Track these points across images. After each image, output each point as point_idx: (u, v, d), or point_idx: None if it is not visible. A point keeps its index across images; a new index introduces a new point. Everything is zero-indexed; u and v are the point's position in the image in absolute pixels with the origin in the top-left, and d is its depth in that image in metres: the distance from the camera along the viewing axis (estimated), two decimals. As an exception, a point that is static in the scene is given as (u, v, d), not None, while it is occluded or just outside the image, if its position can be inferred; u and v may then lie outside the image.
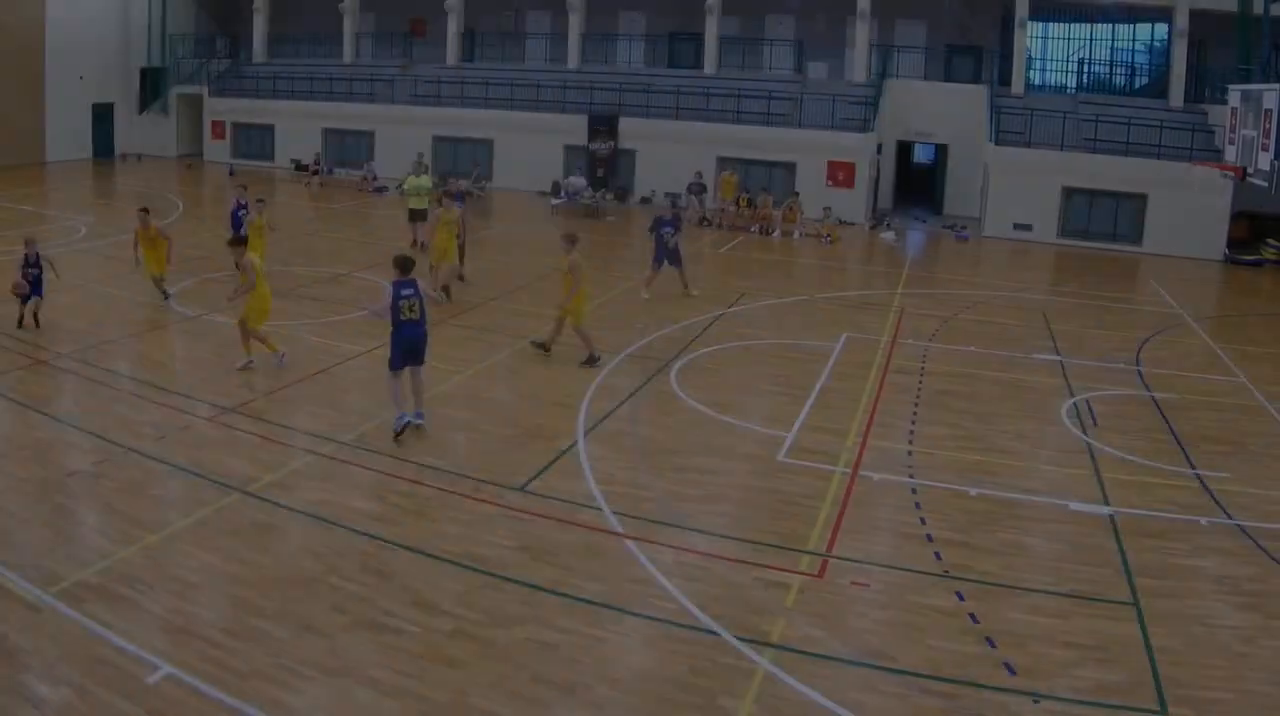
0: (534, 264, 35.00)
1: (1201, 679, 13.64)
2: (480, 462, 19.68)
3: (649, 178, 59.14)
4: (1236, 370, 29.10)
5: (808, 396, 24.71)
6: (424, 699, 12.32)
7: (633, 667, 13.48)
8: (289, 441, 20.02)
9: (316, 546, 16.04)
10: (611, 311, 30.94)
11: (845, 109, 56.33)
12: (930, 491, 19.42)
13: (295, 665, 12.81)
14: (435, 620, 14.06)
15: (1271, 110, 29.61)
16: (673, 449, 20.91)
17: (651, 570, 15.85)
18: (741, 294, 34.92)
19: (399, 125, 63.33)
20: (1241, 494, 20.10)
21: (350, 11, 68.88)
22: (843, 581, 15.82)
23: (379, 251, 38.07)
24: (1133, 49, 64.45)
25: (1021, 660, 13.87)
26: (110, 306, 29.61)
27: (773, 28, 64.56)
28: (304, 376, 23.81)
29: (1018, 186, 52.32)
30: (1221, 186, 43.32)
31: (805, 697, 12.81)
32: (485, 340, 27.85)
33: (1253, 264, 48.75)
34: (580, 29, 64.53)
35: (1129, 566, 16.87)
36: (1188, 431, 23.69)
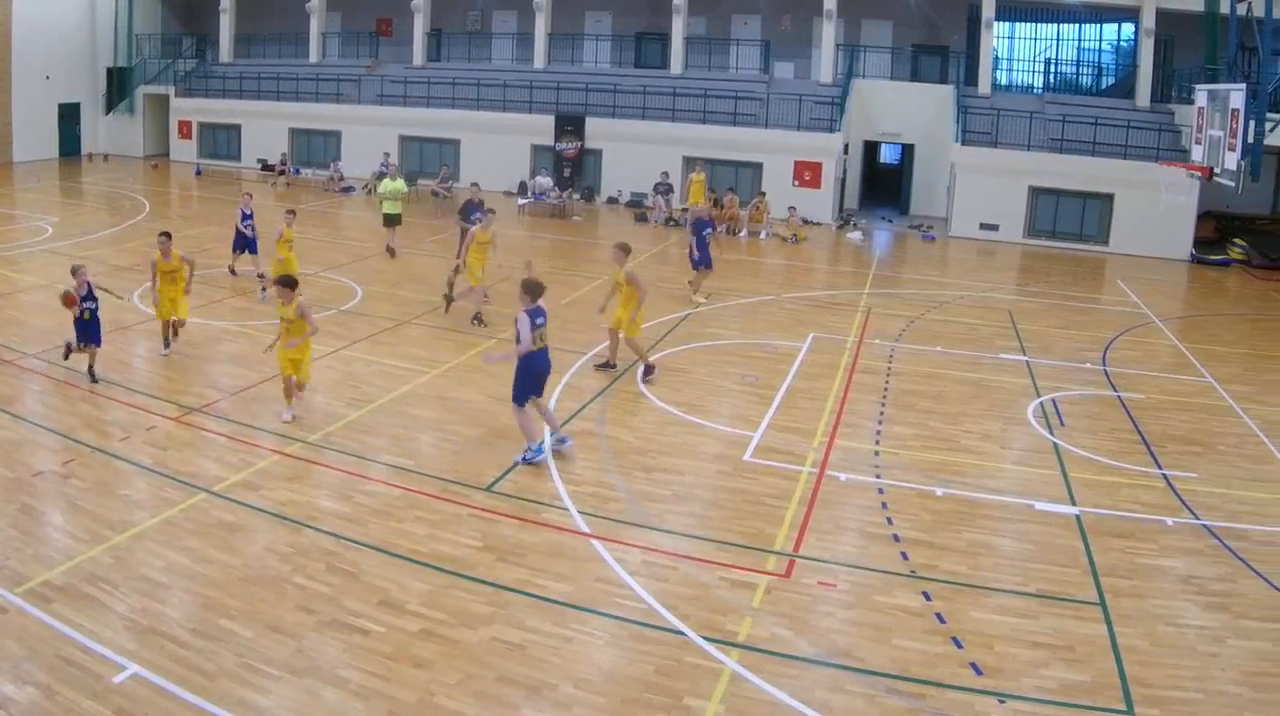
0: (501, 264, 34.87)
1: (1168, 679, 13.71)
2: (447, 463, 19.77)
3: (616, 178, 59.26)
4: (1203, 370, 29.20)
5: (775, 396, 24.76)
6: (391, 698, 12.36)
7: (599, 667, 13.48)
8: (255, 441, 20.02)
9: (283, 546, 16.09)
10: (579, 311, 30.90)
11: (812, 109, 56.41)
12: (897, 491, 19.51)
13: (262, 665, 12.85)
14: (402, 620, 14.11)
15: (1238, 110, 29.72)
16: (640, 449, 20.93)
17: (618, 570, 15.92)
18: (708, 294, 34.93)
19: (365, 125, 63.37)
20: (1208, 494, 20.23)
21: (317, 12, 68.76)
22: (809, 581, 15.87)
23: (346, 251, 38.09)
24: (1099, 49, 64.64)
25: (988, 660, 13.95)
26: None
27: (739, 28, 64.56)
28: (270, 377, 23.75)
29: (984, 186, 52.47)
30: (1188, 186, 43.47)
31: (772, 697, 12.88)
32: (453, 340, 27.85)
33: (1219, 264, 48.93)
34: (546, 29, 64.47)
35: (1096, 566, 16.96)
36: (1154, 431, 23.80)
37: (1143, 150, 49.83)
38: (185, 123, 69.83)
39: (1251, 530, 18.69)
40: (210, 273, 33.95)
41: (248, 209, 33.37)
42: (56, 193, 55.78)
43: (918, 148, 59.54)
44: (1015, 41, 65.20)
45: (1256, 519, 19.25)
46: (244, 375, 24.07)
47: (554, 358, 23.21)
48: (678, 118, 57.64)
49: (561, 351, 26.38)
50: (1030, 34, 64.84)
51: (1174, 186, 42.45)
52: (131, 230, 42.53)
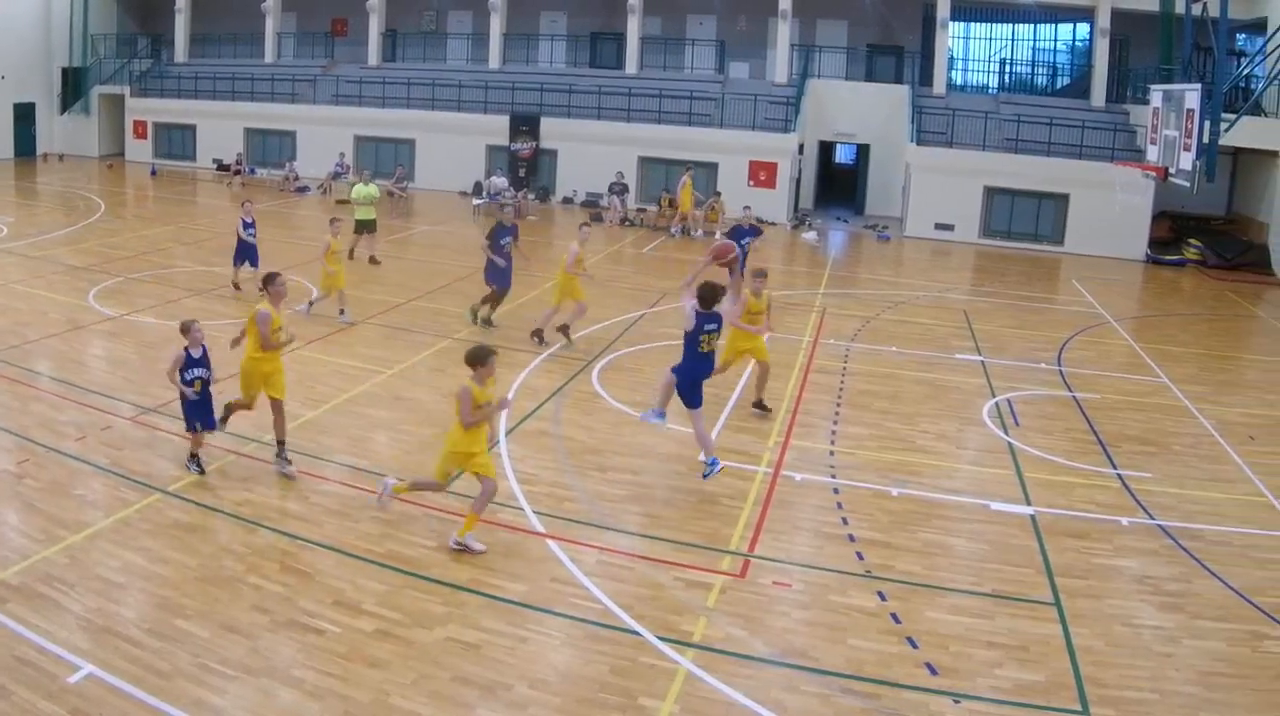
0: (456, 264, 34.81)
1: (1123, 679, 13.76)
2: (402, 462, 19.65)
3: (571, 178, 59.24)
4: (1158, 370, 29.34)
5: (730, 396, 24.82)
6: (346, 698, 12.33)
7: (554, 667, 13.46)
8: (210, 441, 19.86)
9: (238, 546, 16.00)
10: (534, 311, 30.86)
11: (767, 109, 56.60)
12: (852, 491, 19.54)
13: (217, 665, 12.79)
14: (357, 620, 14.08)
15: (1193, 110, 29.86)
16: (595, 449, 20.93)
17: (573, 570, 15.89)
18: (663, 294, 34.93)
19: (321, 125, 63.08)
20: (1163, 494, 20.32)
21: (272, 12, 68.46)
22: (764, 581, 15.88)
23: (302, 251, 37.93)
24: (1054, 49, 64.98)
25: (943, 660, 13.99)
26: (32, 306, 29.30)
27: (694, 28, 64.67)
28: (226, 376, 23.66)
29: (939, 187, 52.71)
30: (1143, 186, 43.66)
31: (727, 697, 12.89)
32: (407, 340, 27.79)
33: (1174, 264, 49.21)
34: (502, 29, 64.26)
35: (1051, 566, 17.00)
36: (1110, 431, 23.89)
37: (1098, 150, 50.13)
38: (140, 123, 69.47)
39: (1206, 530, 18.76)
40: (169, 272, 33.99)
41: (249, 217, 32.36)
42: (12, 192, 55.44)
43: (873, 148, 59.66)
44: (970, 41, 65.56)
45: (1211, 519, 19.34)
46: (201, 375, 23.94)
47: (511, 356, 23.42)
48: (633, 118, 57.78)
49: (518, 351, 26.50)
50: (985, 34, 65.17)
51: (1129, 187, 42.59)
52: (87, 230, 42.33)
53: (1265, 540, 18.56)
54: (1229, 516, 19.56)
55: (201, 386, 18.55)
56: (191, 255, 37.36)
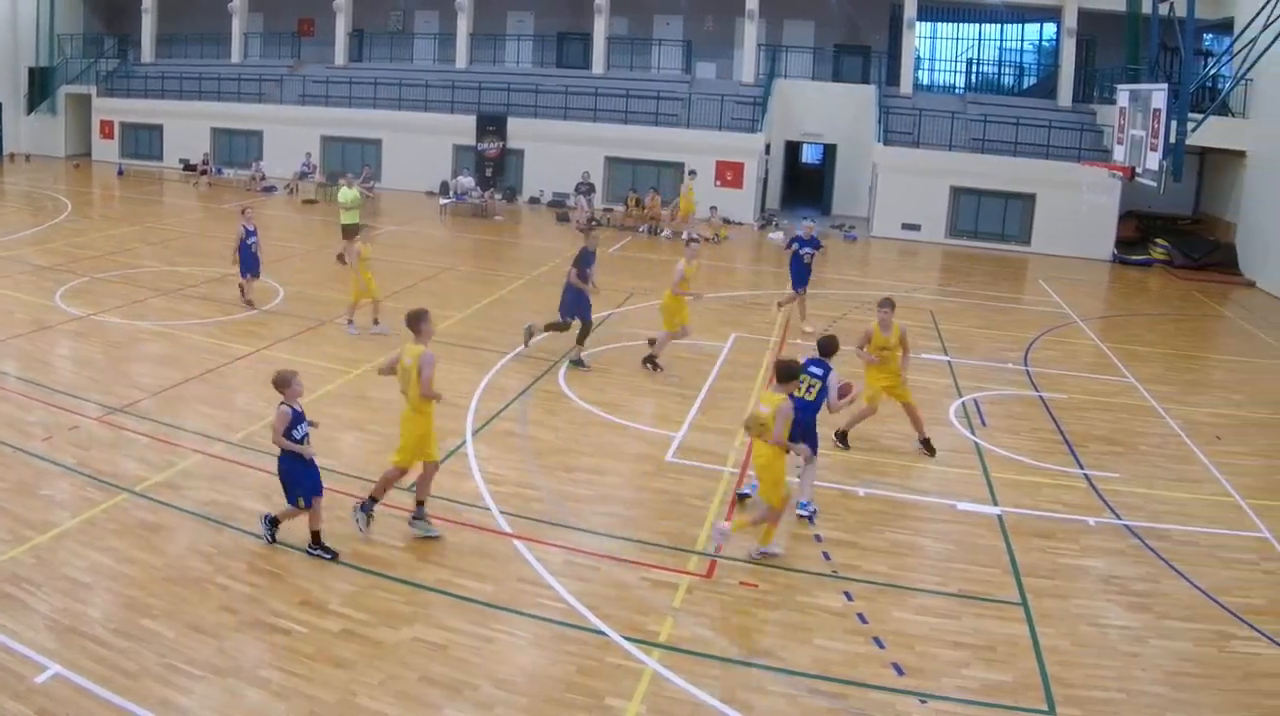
0: (422, 264, 34.77)
1: (1090, 679, 13.87)
2: (368, 462, 19.64)
3: (537, 178, 59.33)
4: (1125, 370, 29.47)
5: (697, 396, 24.88)
6: (312, 698, 12.34)
7: (521, 668, 13.55)
8: (177, 441, 19.90)
9: (205, 546, 15.99)
10: (501, 311, 30.86)
11: (734, 109, 56.92)
12: (819, 492, 19.38)
13: (184, 665, 12.80)
14: (324, 620, 14.12)
15: (1160, 110, 29.91)
16: (561, 449, 20.95)
17: (540, 570, 15.94)
18: (630, 294, 34.94)
19: (287, 125, 63.04)
20: (1130, 494, 20.47)
21: (238, 12, 68.35)
22: (731, 581, 15.92)
23: (268, 252, 37.70)
24: (1021, 49, 65.31)
25: (909, 660, 14.08)
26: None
27: (661, 28, 64.79)
28: (192, 376, 23.64)
29: (906, 187, 53.02)
30: (1110, 186, 43.77)
31: (693, 698, 12.96)
32: (374, 340, 27.73)
33: (1141, 264, 49.47)
34: (468, 29, 64.50)
35: (1017, 566, 17.11)
36: (1076, 431, 24.01)
37: (1064, 150, 50.39)
38: (107, 122, 69.23)
39: (1173, 530, 18.89)
40: (136, 272, 33.99)
41: (250, 225, 30.90)
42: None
43: (840, 148, 59.91)
44: (937, 41, 65.90)
45: (1178, 519, 19.49)
46: (167, 375, 23.96)
47: (477, 356, 23.34)
48: (600, 118, 57.98)
49: (482, 351, 26.53)
50: (952, 34, 65.51)
51: (1096, 186, 42.76)
52: (53, 230, 42.19)
53: (1232, 540, 18.68)
54: (1196, 516, 19.68)
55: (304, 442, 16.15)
56: (158, 255, 37.28)
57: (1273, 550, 18.30)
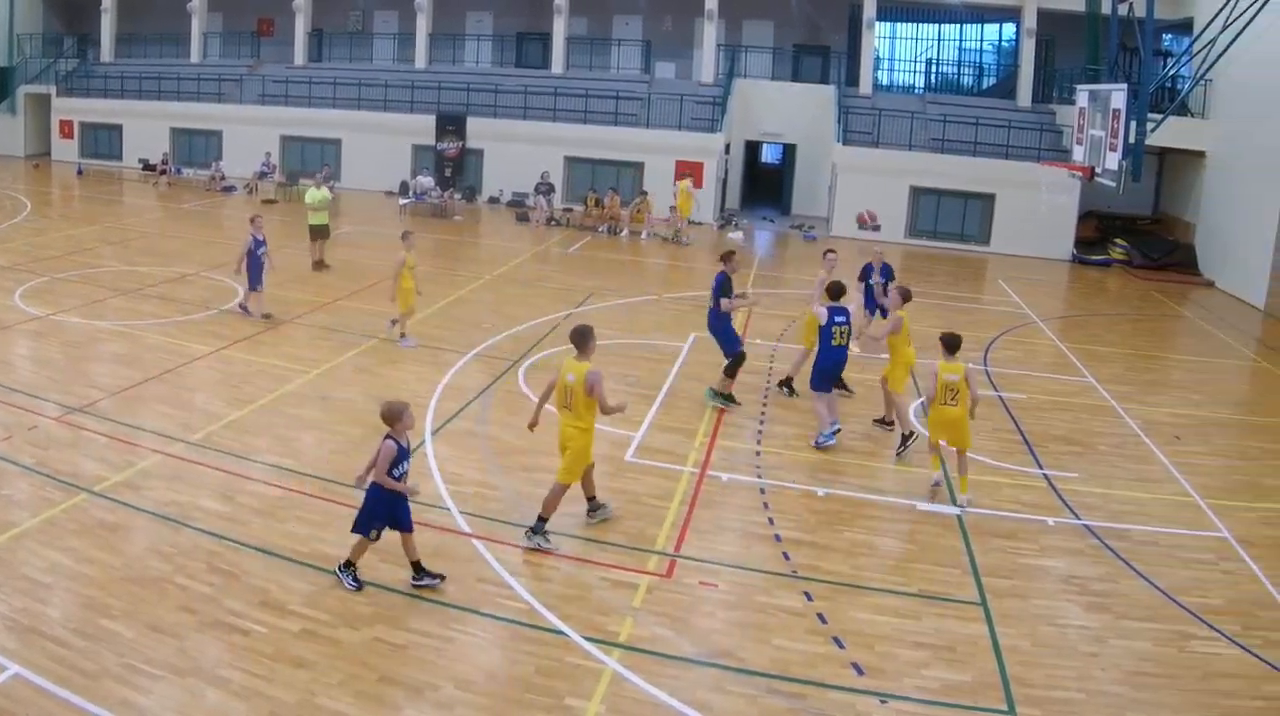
0: (382, 263, 34.64)
1: (1050, 679, 13.91)
2: (328, 462, 19.68)
3: (497, 177, 59.13)
4: (1084, 370, 29.56)
5: (656, 396, 24.90)
6: (272, 699, 12.31)
7: (481, 668, 13.56)
8: (137, 441, 19.83)
9: (164, 546, 15.95)
10: (461, 311, 30.81)
11: (693, 109, 56.80)
12: (778, 491, 19.67)
13: (143, 665, 12.76)
14: (283, 620, 14.08)
15: (1119, 110, 29.94)
16: (521, 449, 20.88)
17: (500, 570, 15.96)
18: (589, 293, 34.93)
19: (247, 125, 62.65)
20: (1089, 494, 20.54)
21: (198, 11, 68.16)
22: (690, 581, 15.92)
23: (228, 251, 37.72)
24: (980, 49, 65.52)
25: (869, 660, 14.10)
26: (-46, 306, 29.10)
27: (620, 28, 64.99)
28: (151, 376, 23.55)
29: (865, 186, 53.11)
30: (1069, 186, 43.89)
31: (653, 698, 12.97)
32: (334, 339, 27.74)
33: (1100, 264, 49.67)
34: (428, 29, 64.61)
35: (977, 566, 17.16)
36: (1035, 431, 24.09)
37: (1024, 150, 50.62)
38: (66, 122, 68.87)
39: (1132, 530, 18.96)
40: (95, 272, 33.88)
41: (260, 234, 29.86)
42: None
43: (799, 148, 60.31)
44: (896, 42, 66.29)
45: (1137, 519, 19.56)
46: (126, 375, 23.87)
47: (435, 356, 23.35)
48: (559, 117, 57.83)
49: (442, 351, 26.49)
50: (911, 34, 65.95)
51: (1055, 187, 42.91)
52: (12, 230, 42.01)
53: (1191, 540, 18.76)
54: (1155, 516, 19.77)
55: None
56: (118, 255, 37.13)
57: (1232, 550, 18.36)
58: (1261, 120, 41.65)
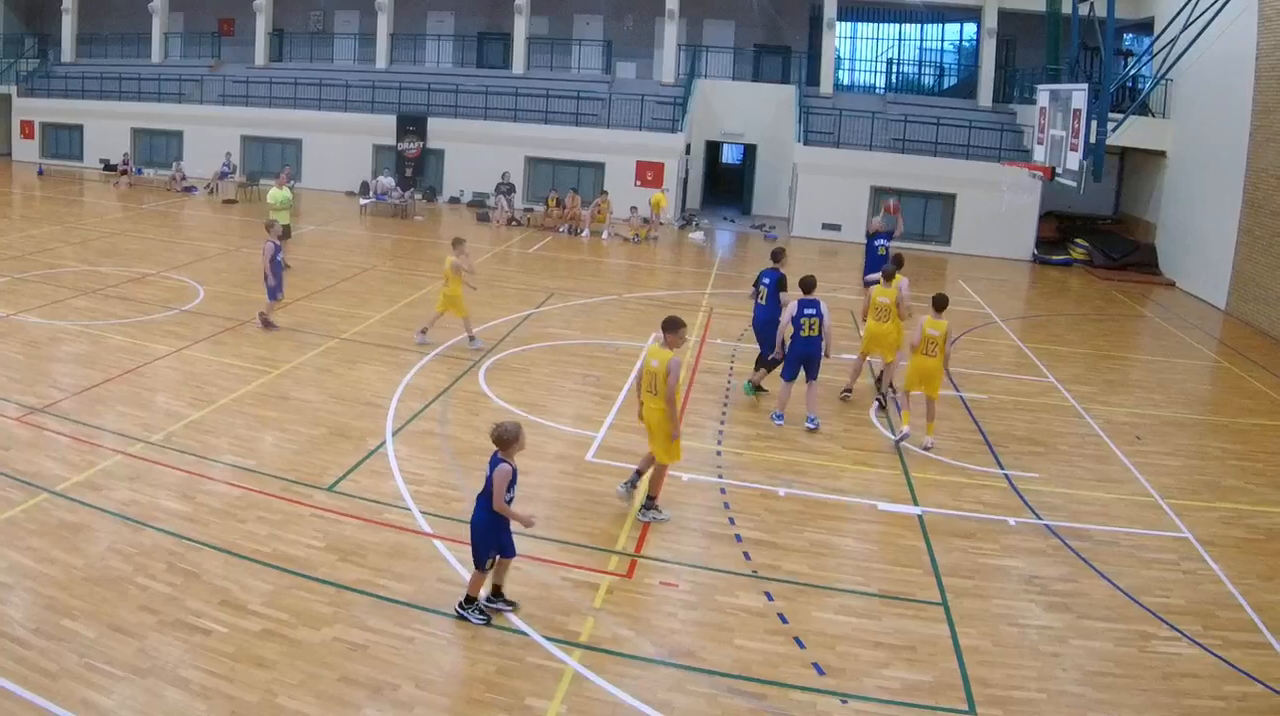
0: (343, 264, 34.63)
1: (1010, 679, 13.97)
2: (289, 462, 19.65)
3: (458, 178, 58.97)
4: (1045, 370, 29.66)
5: (617, 396, 24.85)
6: (233, 698, 12.29)
7: (441, 668, 13.55)
8: (97, 441, 19.77)
9: (125, 546, 15.86)
10: (422, 311, 30.76)
11: (654, 109, 56.73)
12: (739, 492, 19.70)
13: (104, 665, 12.71)
14: (244, 620, 14.02)
15: (1080, 110, 29.97)
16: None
17: (460, 570, 15.85)
18: (550, 294, 34.92)
19: (208, 125, 62.37)
20: (1050, 494, 20.62)
21: (159, 11, 67.87)
22: (651, 581, 15.95)
23: (188, 251, 37.66)
24: (941, 49, 65.72)
25: (830, 660, 14.15)
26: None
27: (581, 28, 64.90)
28: (112, 376, 23.47)
29: (826, 187, 53.15)
30: (1030, 186, 44.01)
31: (613, 697, 13.01)
32: (294, 340, 27.66)
33: (1061, 264, 49.88)
34: (389, 29, 64.17)
35: (938, 566, 17.22)
36: (997, 431, 24.15)
37: (985, 150, 50.74)
38: (27, 123, 68.54)
39: (1093, 530, 19.06)
40: (56, 272, 33.75)
41: (278, 241, 29.11)
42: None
43: (760, 148, 60.24)
44: (857, 41, 66.58)
45: (1098, 519, 19.64)
46: (87, 375, 23.77)
47: (395, 357, 23.31)
48: (520, 118, 57.66)
49: (402, 351, 26.46)
50: (872, 34, 66.16)
51: (1016, 187, 42.97)
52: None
53: (1152, 540, 18.85)
54: (1116, 516, 19.84)
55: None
56: (79, 255, 36.95)
57: (1193, 550, 18.46)
58: (1222, 120, 41.85)
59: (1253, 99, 39.23)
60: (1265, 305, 37.80)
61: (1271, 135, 37.91)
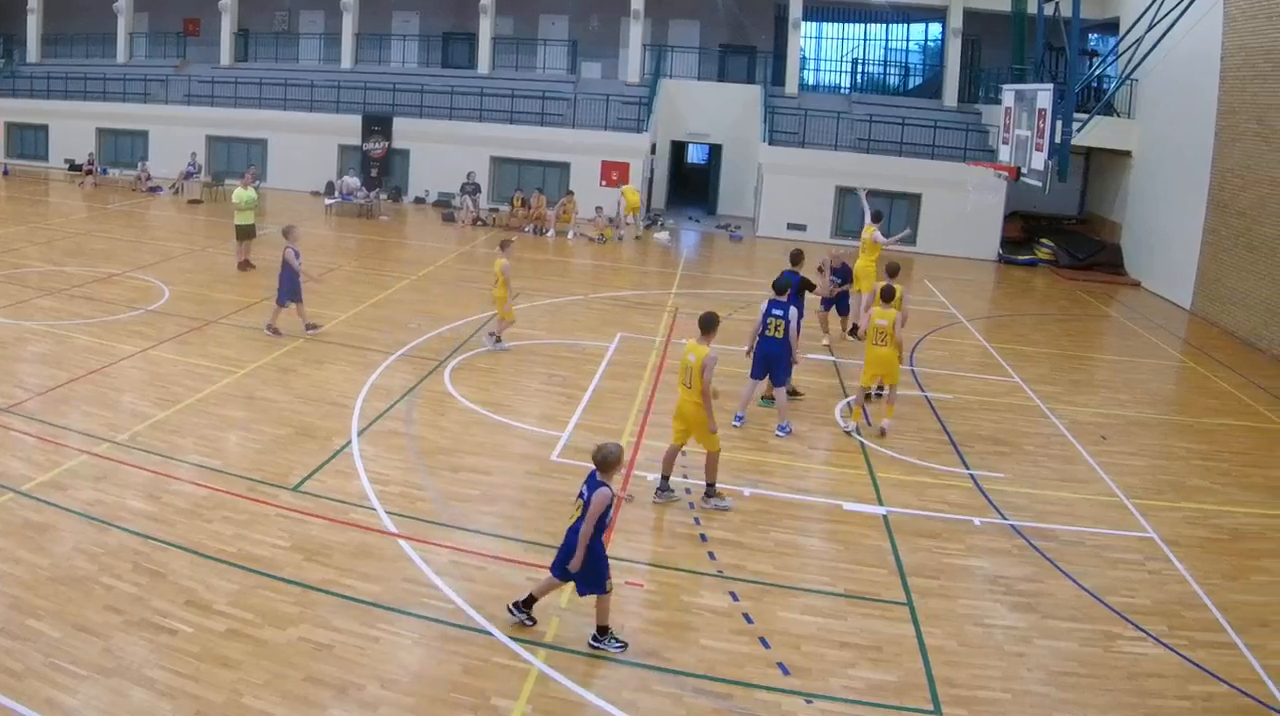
0: (308, 263, 34.42)
1: (975, 679, 14.07)
2: (254, 462, 19.67)
3: (423, 178, 58.77)
4: (1010, 370, 29.78)
5: (582, 396, 24.88)
6: (198, 698, 12.30)
7: (407, 667, 13.55)
8: (63, 441, 19.73)
9: (90, 546, 15.85)
10: (387, 311, 30.73)
11: (619, 109, 56.77)
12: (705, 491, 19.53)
13: (69, 665, 12.72)
14: (209, 620, 14.05)
15: (1045, 110, 30.01)
16: (447, 449, 20.92)
17: (426, 570, 16.00)
18: (516, 294, 34.80)
19: (173, 125, 61.90)
20: (1015, 494, 20.72)
21: (124, 11, 67.56)
22: (617, 581, 15.78)
23: (154, 251, 37.57)
24: (907, 49, 65.92)
25: (795, 660, 14.22)
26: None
27: (547, 28, 64.88)
28: (77, 376, 23.39)
29: (791, 187, 53.34)
30: (996, 186, 44.08)
31: (579, 697, 13.11)
32: (260, 339, 27.63)
33: (1027, 264, 50.07)
34: (354, 29, 63.95)
35: (903, 566, 17.31)
36: (962, 431, 24.24)
37: (950, 150, 50.90)
38: (-8, 123, 68.25)
39: (1059, 530, 19.17)
40: (21, 272, 33.68)
41: (297, 246, 29.38)
42: None
43: (725, 148, 60.21)
44: (823, 42, 66.55)
45: (1063, 519, 19.75)
46: (52, 375, 23.72)
47: (361, 356, 23.36)
48: (485, 118, 57.53)
49: (367, 351, 26.44)
50: (838, 34, 66.16)
51: (981, 187, 43.03)
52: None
53: (1117, 540, 18.97)
54: (1082, 516, 19.97)
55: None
56: (44, 255, 36.79)
57: (1158, 550, 18.58)
58: (1187, 120, 42.01)
59: (1218, 99, 39.39)
60: (1230, 305, 37.97)
61: (1237, 135, 38.09)
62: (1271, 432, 26.40)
